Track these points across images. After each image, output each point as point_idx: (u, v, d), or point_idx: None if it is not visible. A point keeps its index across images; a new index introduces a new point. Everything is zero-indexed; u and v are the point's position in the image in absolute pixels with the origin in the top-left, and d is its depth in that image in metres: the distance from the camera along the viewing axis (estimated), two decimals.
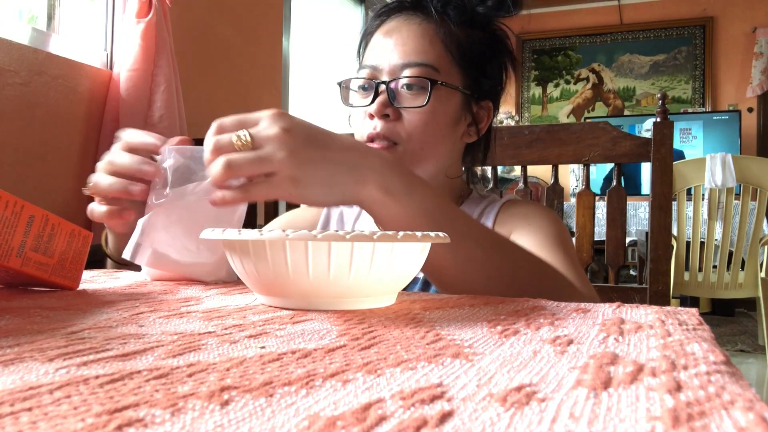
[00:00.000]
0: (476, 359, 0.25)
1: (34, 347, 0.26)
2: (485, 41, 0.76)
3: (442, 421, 0.17)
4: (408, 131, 0.70)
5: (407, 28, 0.73)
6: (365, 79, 0.73)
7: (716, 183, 2.41)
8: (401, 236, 0.37)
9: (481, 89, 0.77)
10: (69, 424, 0.16)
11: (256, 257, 0.37)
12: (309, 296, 0.38)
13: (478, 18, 0.75)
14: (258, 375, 0.22)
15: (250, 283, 0.40)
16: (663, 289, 1.00)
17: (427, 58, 0.71)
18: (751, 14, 4.44)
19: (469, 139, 0.79)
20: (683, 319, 0.34)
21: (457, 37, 0.73)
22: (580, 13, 4.88)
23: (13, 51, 1.58)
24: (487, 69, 0.77)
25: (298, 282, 0.37)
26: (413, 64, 0.71)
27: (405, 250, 0.38)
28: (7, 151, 1.56)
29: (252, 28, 2.61)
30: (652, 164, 1.02)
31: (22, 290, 0.46)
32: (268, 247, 0.36)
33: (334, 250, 0.36)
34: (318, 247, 0.35)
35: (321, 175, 0.49)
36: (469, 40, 0.74)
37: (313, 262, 0.36)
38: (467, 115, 0.76)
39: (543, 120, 4.94)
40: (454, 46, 0.73)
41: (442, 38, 0.72)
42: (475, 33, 0.75)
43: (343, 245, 0.35)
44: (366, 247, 0.36)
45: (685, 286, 2.55)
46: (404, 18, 0.74)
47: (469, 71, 0.75)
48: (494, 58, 0.78)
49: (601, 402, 0.19)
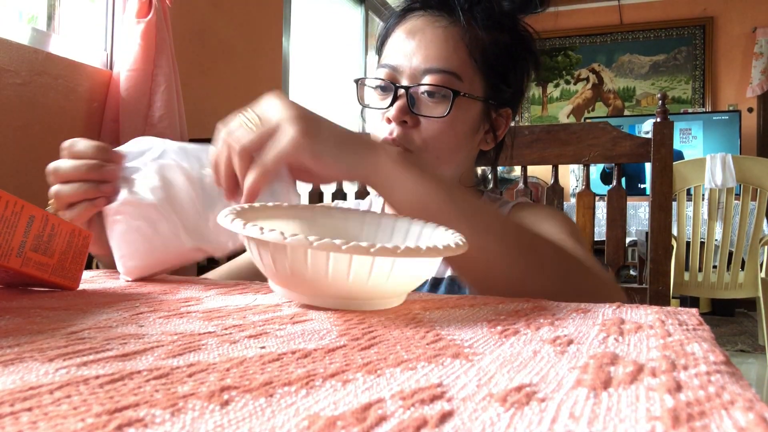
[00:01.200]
0: (476, 359, 0.25)
1: (34, 347, 0.26)
2: (510, 45, 0.73)
3: (442, 421, 0.17)
4: (424, 139, 0.68)
5: (432, 30, 0.70)
6: (384, 80, 0.70)
7: (716, 183, 2.41)
8: (424, 250, 0.36)
9: (502, 96, 0.74)
10: (69, 424, 0.16)
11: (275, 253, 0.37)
12: (325, 296, 0.38)
13: (505, 19, 0.73)
14: (258, 375, 0.22)
15: (267, 273, 0.40)
16: (663, 289, 1.00)
17: (451, 65, 0.68)
18: (751, 14, 4.44)
19: (486, 146, 0.77)
20: (683, 319, 0.34)
21: (482, 42, 0.70)
22: (580, 13, 4.88)
23: (13, 51, 1.58)
24: (509, 76, 0.74)
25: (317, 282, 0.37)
26: (435, 70, 0.68)
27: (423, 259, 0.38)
28: (7, 151, 1.56)
29: (252, 28, 2.60)
30: (652, 164, 1.02)
31: (22, 290, 0.46)
32: (289, 250, 0.36)
33: (356, 262, 0.35)
34: (339, 259, 0.35)
35: (332, 136, 0.49)
36: (494, 45, 0.71)
37: (333, 268, 0.36)
38: (486, 123, 0.74)
39: (543, 120, 4.94)
40: (478, 53, 0.70)
41: (466, 43, 0.69)
42: (501, 36, 0.72)
43: (365, 259, 0.35)
44: (386, 261, 0.36)
45: (685, 286, 2.55)
46: (429, 18, 0.71)
47: (491, 78, 0.72)
48: (517, 64, 0.75)
49: (601, 402, 0.19)
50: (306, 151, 0.47)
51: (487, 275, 0.52)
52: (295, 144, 0.47)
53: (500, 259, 0.51)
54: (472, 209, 0.52)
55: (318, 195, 1.37)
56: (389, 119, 0.68)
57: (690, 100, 4.64)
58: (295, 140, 0.47)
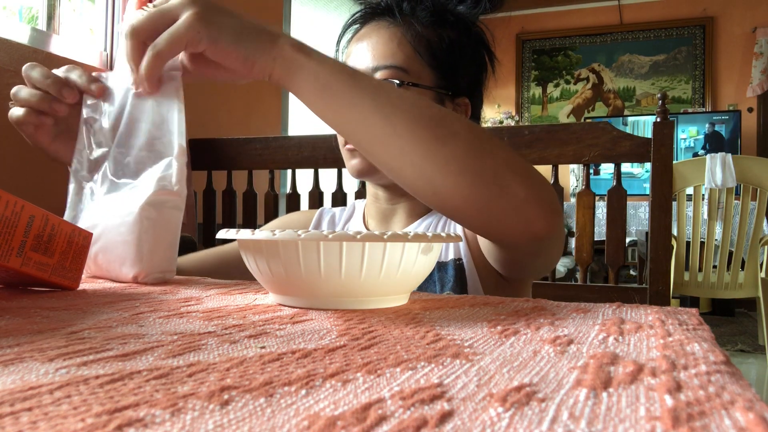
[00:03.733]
0: (476, 359, 0.25)
1: (34, 347, 0.26)
2: (458, 39, 0.77)
3: (442, 421, 0.17)
4: None
5: (377, 33, 0.76)
6: None
7: (716, 183, 2.41)
8: (411, 236, 0.37)
9: (457, 86, 0.78)
10: (69, 424, 0.16)
11: (269, 257, 0.37)
12: (321, 295, 0.38)
13: (448, 17, 0.77)
14: (258, 375, 0.22)
15: (263, 281, 0.40)
16: (663, 289, 1.00)
17: (395, 61, 0.73)
18: (751, 14, 4.44)
19: None
20: (683, 319, 0.34)
21: (426, 37, 0.75)
22: (580, 13, 4.88)
23: (13, 51, 1.58)
24: (461, 66, 0.78)
25: (310, 281, 0.37)
26: (382, 67, 0.73)
27: (415, 248, 0.38)
28: (7, 151, 1.56)
29: None
30: (652, 164, 1.02)
31: (22, 290, 0.46)
32: (281, 247, 0.36)
33: (346, 253, 0.36)
34: (330, 249, 0.36)
35: (231, 23, 0.50)
36: (440, 40, 0.76)
37: (324, 262, 0.36)
38: None
39: (543, 120, 4.94)
40: (423, 47, 0.75)
41: (409, 40, 0.74)
42: (446, 32, 0.77)
43: (355, 248, 0.36)
44: (377, 250, 0.36)
45: (685, 286, 2.55)
46: (374, 24, 0.77)
47: (442, 70, 0.76)
48: (467, 56, 0.79)
49: (601, 402, 0.19)
50: (202, 35, 0.48)
51: (395, 151, 0.51)
52: (190, 26, 0.48)
53: (408, 132, 0.50)
54: (375, 87, 0.52)
55: (318, 195, 1.37)
56: None
57: (690, 100, 4.64)
58: (190, 23, 0.48)
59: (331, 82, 0.51)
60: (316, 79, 0.51)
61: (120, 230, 0.52)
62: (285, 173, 2.76)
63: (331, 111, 0.53)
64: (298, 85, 0.52)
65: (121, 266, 0.52)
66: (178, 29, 0.48)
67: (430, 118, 0.51)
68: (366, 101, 0.50)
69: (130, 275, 0.52)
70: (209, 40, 0.49)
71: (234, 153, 1.38)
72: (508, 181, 0.50)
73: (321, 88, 0.51)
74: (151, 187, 0.52)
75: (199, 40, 0.49)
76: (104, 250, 0.53)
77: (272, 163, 1.35)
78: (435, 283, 0.76)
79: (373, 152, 0.53)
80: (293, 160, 1.33)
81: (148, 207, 0.52)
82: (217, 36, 0.49)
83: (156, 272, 0.52)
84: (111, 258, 0.53)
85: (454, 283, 0.75)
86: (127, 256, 0.52)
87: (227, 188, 1.44)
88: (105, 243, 0.53)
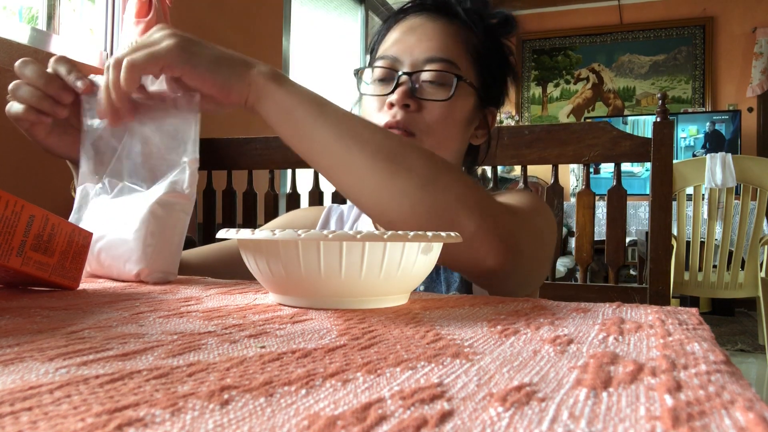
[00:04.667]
0: (476, 359, 0.25)
1: (34, 347, 0.26)
2: (496, 51, 0.78)
3: (442, 420, 0.17)
4: (428, 123, 0.71)
5: (432, 25, 0.74)
6: (386, 68, 0.73)
7: (716, 183, 2.41)
8: (411, 236, 0.37)
9: (490, 95, 0.78)
10: (69, 424, 0.16)
11: (269, 256, 0.37)
12: (321, 295, 0.38)
13: (490, 29, 0.77)
14: (258, 375, 0.22)
15: (263, 280, 0.40)
16: (663, 289, 1.00)
17: (450, 55, 0.72)
18: (751, 14, 4.44)
19: (476, 141, 0.80)
20: (683, 318, 0.34)
21: (474, 41, 0.75)
22: (580, 13, 4.88)
23: (13, 51, 1.58)
24: (496, 77, 0.78)
25: (310, 281, 0.37)
26: (437, 59, 0.71)
27: (416, 248, 0.38)
28: (7, 151, 1.56)
29: (252, 28, 2.61)
30: (652, 164, 1.02)
31: (22, 290, 0.46)
32: (281, 246, 0.36)
33: (346, 253, 0.36)
34: (329, 249, 0.36)
35: (209, 53, 0.53)
36: (484, 46, 0.76)
37: (324, 262, 0.36)
38: (478, 116, 0.78)
39: (543, 120, 4.94)
40: (472, 49, 0.74)
41: (462, 39, 0.74)
42: (488, 42, 0.77)
43: (355, 247, 0.36)
44: (377, 249, 0.36)
45: (685, 286, 2.55)
46: (427, 16, 0.75)
47: (482, 75, 0.76)
48: (501, 69, 0.79)
49: (601, 402, 0.19)
50: (182, 60, 0.51)
51: (353, 179, 0.54)
52: (168, 50, 0.51)
53: (365, 163, 0.53)
54: (339, 117, 0.54)
55: (318, 195, 1.37)
56: (391, 104, 0.70)
57: (690, 100, 4.64)
58: (169, 47, 0.51)
59: (295, 110, 0.53)
60: (281, 107, 0.54)
61: (126, 227, 0.52)
62: (285, 173, 2.76)
63: (295, 138, 0.56)
64: (266, 112, 0.55)
65: (125, 263, 0.52)
66: (157, 49, 0.52)
67: (389, 151, 0.53)
68: (327, 130, 0.53)
69: (133, 272, 0.52)
70: (188, 65, 0.52)
71: (234, 153, 1.38)
72: (459, 216, 0.52)
73: (284, 115, 0.55)
74: (162, 188, 0.53)
75: (176, 64, 0.52)
76: (108, 247, 0.53)
77: (272, 163, 1.35)
78: (441, 283, 0.76)
79: (332, 178, 0.56)
80: (293, 160, 1.33)
81: (157, 206, 0.53)
82: (196, 62, 0.52)
83: (159, 272, 0.52)
84: (115, 255, 0.53)
85: (459, 283, 0.75)
86: (131, 253, 0.52)
87: (227, 188, 1.44)
88: (109, 240, 0.53)
